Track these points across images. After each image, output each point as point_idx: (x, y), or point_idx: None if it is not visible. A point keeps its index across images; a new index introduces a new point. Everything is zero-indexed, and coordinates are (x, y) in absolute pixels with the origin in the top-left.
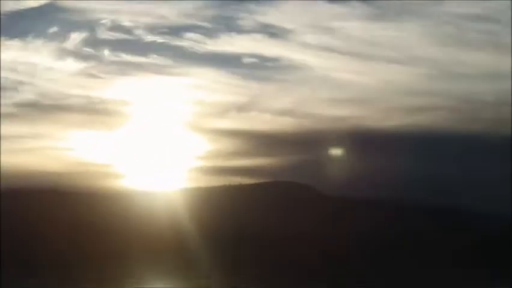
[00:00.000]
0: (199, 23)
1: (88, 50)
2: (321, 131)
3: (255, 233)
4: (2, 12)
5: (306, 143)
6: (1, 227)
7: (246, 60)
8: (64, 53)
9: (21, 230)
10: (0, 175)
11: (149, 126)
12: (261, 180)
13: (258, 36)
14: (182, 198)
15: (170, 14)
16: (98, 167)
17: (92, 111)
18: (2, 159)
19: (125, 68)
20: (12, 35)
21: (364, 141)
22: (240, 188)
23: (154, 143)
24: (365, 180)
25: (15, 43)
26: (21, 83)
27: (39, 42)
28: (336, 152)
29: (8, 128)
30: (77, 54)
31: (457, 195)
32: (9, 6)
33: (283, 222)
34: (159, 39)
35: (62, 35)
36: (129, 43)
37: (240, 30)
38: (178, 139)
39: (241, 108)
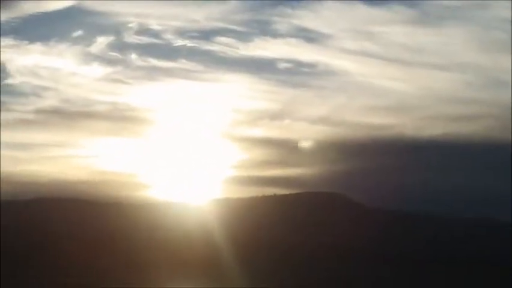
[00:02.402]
0: (231, 27)
1: (114, 54)
2: (359, 140)
3: (290, 245)
4: (22, 15)
5: (342, 152)
6: (25, 235)
7: (281, 65)
8: (89, 58)
9: (44, 240)
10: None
11: (177, 134)
12: (296, 191)
13: (294, 40)
14: (212, 209)
15: (201, 17)
16: (124, 177)
17: (118, 118)
18: (23, 168)
19: (153, 73)
20: (34, 39)
21: (404, 151)
22: (274, 199)
23: (183, 152)
24: (404, 192)
25: (37, 47)
26: (43, 88)
27: (62, 46)
28: (374, 161)
29: (30, 136)
30: (103, 59)
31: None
32: (30, 9)
33: (319, 234)
34: (189, 43)
35: (87, 39)
36: (157, 47)
37: (275, 34)
38: (209, 148)
39: (275, 115)
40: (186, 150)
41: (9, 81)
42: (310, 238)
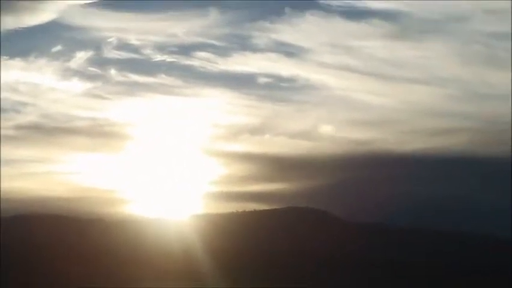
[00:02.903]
0: (211, 42)
1: (94, 69)
2: (339, 155)
3: (271, 261)
4: (2, 31)
5: (322, 167)
6: (4, 254)
7: (261, 80)
8: (68, 73)
9: (24, 257)
10: (0, 201)
11: (158, 150)
12: (276, 206)
13: (273, 55)
14: (192, 225)
15: (180, 32)
16: (105, 193)
17: (98, 133)
18: (3, 184)
19: (133, 89)
20: (13, 54)
21: (384, 165)
22: (254, 214)
23: (163, 167)
24: (384, 206)
25: (16, 62)
26: (23, 104)
27: (42, 62)
28: (354, 176)
29: (9, 152)
30: (82, 74)
31: (480, 220)
32: (10, 24)
33: (300, 250)
34: (168, 58)
35: (66, 54)
36: (137, 62)
37: (254, 49)
38: (189, 163)
39: (255, 130)
40: (166, 166)
41: None
42: (291, 254)
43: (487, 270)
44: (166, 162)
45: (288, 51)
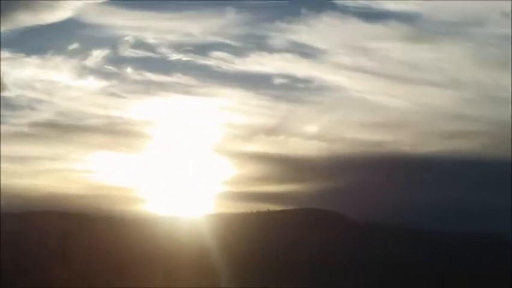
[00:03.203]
0: (227, 41)
1: (110, 68)
2: (354, 157)
3: (283, 262)
4: (19, 28)
5: (337, 168)
6: (18, 251)
7: (276, 80)
8: (85, 71)
9: (39, 255)
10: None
11: (173, 149)
12: (290, 207)
13: (290, 55)
14: (207, 224)
15: (197, 31)
16: (120, 191)
17: (113, 132)
18: (18, 181)
19: (149, 87)
20: (30, 52)
21: (399, 168)
22: (267, 215)
23: (178, 167)
24: (398, 209)
25: (33, 60)
26: (39, 101)
27: (58, 59)
28: (369, 178)
29: (25, 149)
30: (99, 72)
31: (497, 224)
32: (27, 22)
33: (313, 251)
34: (184, 57)
35: (82, 52)
36: (153, 61)
37: (271, 50)
38: (204, 163)
39: (270, 131)
40: (180, 165)
41: (5, 94)
42: (304, 254)
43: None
44: (181, 161)
45: (304, 52)
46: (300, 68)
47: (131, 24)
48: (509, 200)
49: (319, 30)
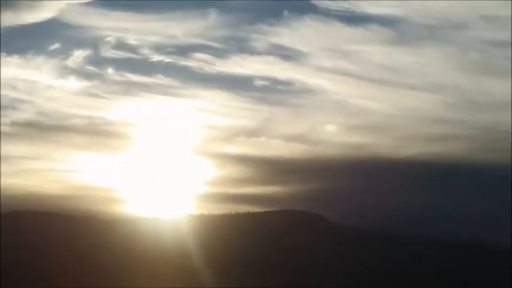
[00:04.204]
0: (209, 43)
1: (91, 68)
2: (335, 159)
3: (263, 264)
4: (0, 28)
5: (318, 171)
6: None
7: (257, 83)
8: (66, 71)
9: (21, 255)
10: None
11: (154, 150)
12: (270, 209)
13: (271, 58)
14: (187, 225)
15: (179, 33)
16: (100, 191)
17: (94, 132)
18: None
19: (130, 88)
20: (11, 51)
21: (379, 171)
22: (247, 216)
23: (159, 168)
24: (379, 211)
25: (14, 60)
26: (20, 101)
27: (40, 59)
28: (350, 180)
29: (6, 148)
30: (80, 73)
31: (476, 228)
32: (9, 21)
33: (293, 253)
34: (166, 58)
35: (64, 52)
36: (134, 62)
37: (252, 52)
38: (185, 164)
39: (251, 133)
40: (161, 166)
41: None
42: (284, 256)
43: (484, 280)
44: (162, 162)
45: (286, 54)
46: (281, 70)
47: (112, 25)
48: (490, 203)
49: (301, 33)
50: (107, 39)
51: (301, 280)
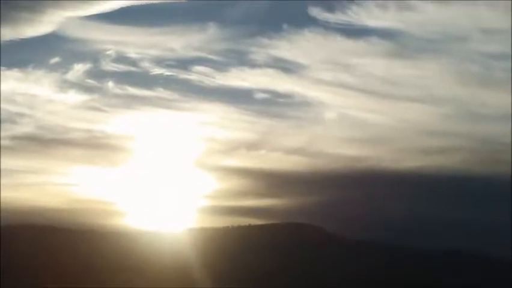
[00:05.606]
0: (209, 56)
1: (91, 81)
2: (335, 171)
3: (264, 276)
4: (1, 41)
5: (318, 183)
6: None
7: (258, 95)
8: (66, 85)
9: (21, 268)
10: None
11: (154, 163)
12: (271, 222)
13: (271, 71)
14: (188, 238)
15: (178, 46)
16: (100, 204)
17: (94, 146)
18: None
19: (130, 102)
20: (11, 65)
21: (380, 183)
22: (249, 229)
23: (160, 181)
24: (380, 223)
25: (14, 73)
26: (20, 115)
27: (40, 73)
28: (350, 193)
29: (6, 162)
30: (80, 86)
31: (476, 239)
32: (8, 35)
33: (294, 266)
34: (166, 72)
35: (64, 66)
36: (134, 75)
37: (252, 65)
38: (185, 177)
39: (251, 145)
40: (162, 179)
41: None
42: (285, 269)
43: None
44: (162, 175)
45: (286, 67)
46: (281, 83)
47: (112, 39)
48: (489, 215)
49: (300, 46)
50: (107, 52)
51: None
